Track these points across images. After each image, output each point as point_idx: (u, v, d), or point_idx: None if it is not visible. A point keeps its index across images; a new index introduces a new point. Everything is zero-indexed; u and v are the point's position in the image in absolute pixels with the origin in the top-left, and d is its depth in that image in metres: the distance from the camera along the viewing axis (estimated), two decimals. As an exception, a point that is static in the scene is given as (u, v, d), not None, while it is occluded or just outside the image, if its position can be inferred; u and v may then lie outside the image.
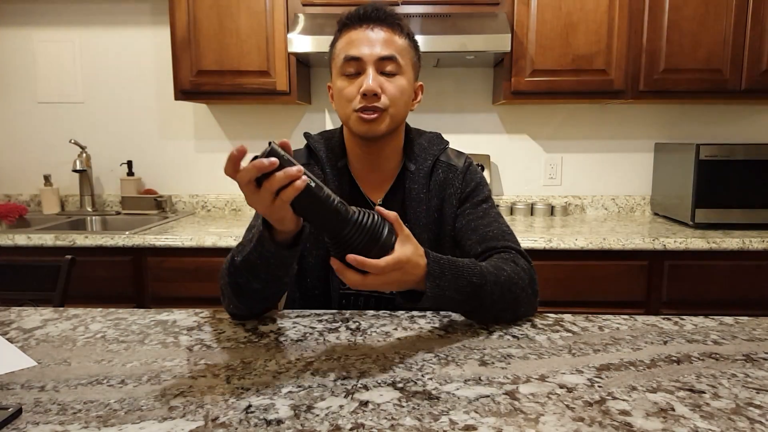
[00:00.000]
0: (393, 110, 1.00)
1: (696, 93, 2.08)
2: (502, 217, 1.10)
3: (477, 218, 1.07)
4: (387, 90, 0.98)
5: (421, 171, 1.08)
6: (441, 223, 1.09)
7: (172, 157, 2.52)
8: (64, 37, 2.43)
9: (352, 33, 0.99)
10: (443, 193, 1.09)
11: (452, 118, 2.46)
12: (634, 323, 0.94)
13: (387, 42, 0.98)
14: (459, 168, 1.10)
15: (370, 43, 0.97)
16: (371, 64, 0.97)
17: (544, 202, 2.44)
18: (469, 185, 1.10)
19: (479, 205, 1.09)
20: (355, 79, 0.99)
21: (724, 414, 0.63)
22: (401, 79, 1.00)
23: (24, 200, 2.54)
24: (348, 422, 0.61)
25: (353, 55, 0.98)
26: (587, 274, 1.87)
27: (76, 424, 0.61)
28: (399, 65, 0.99)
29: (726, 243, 1.83)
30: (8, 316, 0.99)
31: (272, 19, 2.06)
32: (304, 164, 1.08)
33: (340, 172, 1.08)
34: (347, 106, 1.00)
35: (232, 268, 0.90)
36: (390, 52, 0.98)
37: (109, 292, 1.92)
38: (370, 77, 0.97)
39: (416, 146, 1.11)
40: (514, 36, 2.05)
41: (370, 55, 0.97)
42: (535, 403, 0.65)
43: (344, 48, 0.99)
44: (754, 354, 0.81)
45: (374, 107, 0.97)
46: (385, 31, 0.99)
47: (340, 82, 1.01)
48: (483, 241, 1.04)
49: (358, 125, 1.00)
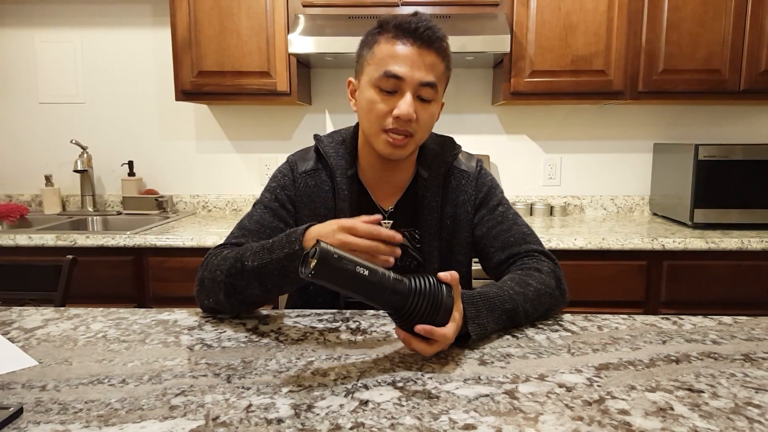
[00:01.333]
0: (419, 136, 0.98)
1: (695, 93, 2.08)
2: (519, 217, 1.10)
3: (496, 224, 1.06)
4: (420, 117, 0.95)
5: (434, 178, 1.06)
6: (455, 231, 1.08)
7: (173, 158, 2.52)
8: (65, 37, 2.44)
9: (399, 46, 0.92)
10: (457, 200, 1.08)
11: (452, 118, 2.46)
12: (633, 323, 0.95)
13: (432, 68, 0.93)
14: (471, 174, 1.09)
15: (415, 65, 0.92)
16: (411, 87, 0.93)
17: (543, 202, 2.45)
18: (482, 190, 1.09)
19: (495, 210, 1.08)
20: (389, 97, 0.94)
21: (723, 413, 0.63)
22: (435, 106, 0.98)
23: (25, 200, 2.54)
24: (348, 421, 0.61)
25: (396, 73, 0.92)
26: (586, 274, 1.87)
27: (77, 423, 0.61)
28: (436, 92, 0.96)
29: (725, 243, 1.83)
30: (9, 315, 1.00)
31: (273, 20, 2.07)
32: (312, 170, 1.07)
33: (350, 180, 1.05)
34: (376, 122, 0.96)
35: (234, 270, 0.89)
36: (432, 79, 0.94)
37: (110, 292, 1.92)
38: (408, 102, 0.92)
39: (429, 152, 1.08)
40: (514, 37, 2.06)
41: (413, 78, 0.92)
42: (534, 403, 0.65)
43: (386, 60, 0.93)
44: (752, 353, 0.81)
45: (405, 131, 0.95)
46: (433, 55, 0.94)
47: (371, 94, 0.95)
48: (506, 248, 1.04)
49: (384, 147, 0.97)
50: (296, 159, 1.10)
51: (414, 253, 1.08)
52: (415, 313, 0.74)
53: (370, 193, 1.08)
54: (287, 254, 0.83)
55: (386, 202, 1.08)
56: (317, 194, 1.06)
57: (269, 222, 1.04)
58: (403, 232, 1.07)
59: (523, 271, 0.98)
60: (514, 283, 0.92)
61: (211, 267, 0.94)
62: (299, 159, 1.10)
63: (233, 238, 1.03)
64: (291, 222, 1.07)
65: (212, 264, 0.94)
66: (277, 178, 1.09)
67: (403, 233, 1.07)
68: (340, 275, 0.69)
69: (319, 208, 1.06)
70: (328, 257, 0.68)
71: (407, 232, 1.07)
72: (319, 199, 1.06)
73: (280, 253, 0.84)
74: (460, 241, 1.08)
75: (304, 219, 1.06)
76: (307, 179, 1.07)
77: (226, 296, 0.91)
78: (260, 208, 1.07)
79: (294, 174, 1.08)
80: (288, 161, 1.11)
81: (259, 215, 1.05)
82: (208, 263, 0.96)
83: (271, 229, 1.04)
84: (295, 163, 1.09)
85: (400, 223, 1.07)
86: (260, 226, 1.04)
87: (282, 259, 0.83)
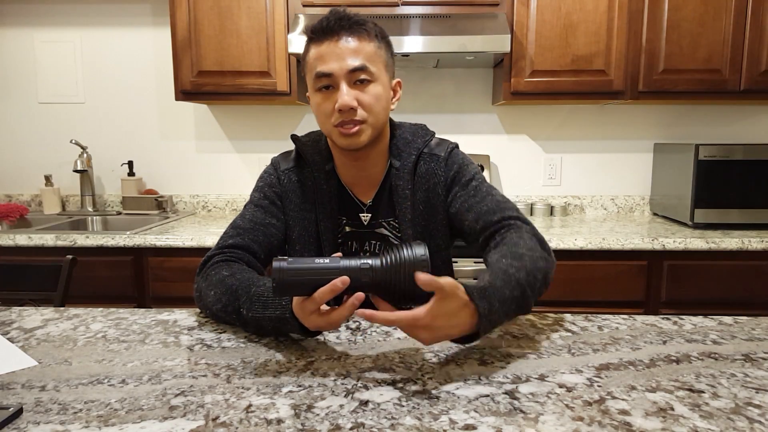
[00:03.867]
0: (372, 119, 0.98)
1: (695, 93, 2.08)
2: (494, 189, 1.08)
3: (469, 197, 1.05)
4: (363, 101, 0.96)
5: (405, 167, 1.07)
6: (430, 215, 1.08)
7: (173, 158, 2.52)
8: (65, 37, 2.44)
9: (320, 47, 0.96)
10: (428, 185, 1.08)
11: (452, 118, 2.46)
12: (633, 323, 0.94)
13: (355, 52, 0.95)
14: (441, 156, 1.08)
15: (338, 57, 0.95)
16: (342, 77, 0.95)
17: (543, 202, 2.44)
18: (451, 170, 1.08)
19: (468, 185, 1.07)
20: (329, 94, 0.97)
21: (723, 413, 0.63)
22: (376, 87, 0.98)
23: (25, 200, 2.54)
24: (348, 421, 0.61)
25: (323, 71, 0.95)
26: (587, 274, 1.87)
27: (77, 423, 0.61)
28: (371, 72, 0.97)
29: (725, 243, 1.83)
30: (9, 315, 1.00)
31: (273, 20, 2.07)
32: (292, 167, 1.10)
33: (328, 176, 1.08)
34: (326, 121, 0.99)
35: (230, 309, 0.89)
36: (360, 62, 0.95)
37: (109, 292, 1.92)
38: (344, 92, 0.95)
39: (400, 141, 1.09)
40: (514, 36, 2.05)
41: (340, 69, 0.95)
42: (534, 403, 0.65)
43: (314, 63, 0.97)
44: (753, 354, 0.81)
45: (352, 121, 0.96)
46: (353, 40, 0.96)
47: (315, 98, 0.99)
48: (480, 217, 1.02)
49: (340, 140, 0.99)
50: (279, 159, 1.14)
51: (395, 242, 1.10)
52: (393, 289, 0.73)
53: (349, 189, 1.10)
54: (278, 317, 0.82)
55: (365, 196, 1.10)
56: (301, 189, 1.09)
57: (261, 219, 1.07)
58: (382, 224, 1.10)
59: (508, 245, 0.94)
60: (509, 259, 0.88)
61: (205, 294, 0.95)
62: (281, 159, 1.14)
63: (229, 239, 1.04)
64: (281, 218, 1.09)
65: (207, 287, 0.95)
66: (263, 177, 1.13)
67: (382, 224, 1.10)
68: (305, 286, 0.73)
69: (304, 203, 1.09)
70: (284, 276, 0.72)
71: (386, 222, 1.10)
72: (303, 194, 1.09)
73: (273, 313, 0.83)
74: (436, 225, 1.08)
75: (290, 214, 1.09)
76: (290, 175, 1.10)
77: (217, 321, 0.96)
78: (251, 207, 1.10)
79: (278, 172, 1.11)
80: (271, 162, 1.15)
81: (251, 214, 1.08)
82: (206, 277, 0.97)
83: (264, 226, 1.06)
84: (278, 162, 1.13)
85: (379, 215, 1.10)
86: (254, 224, 1.06)
87: (274, 319, 0.83)
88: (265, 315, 0.83)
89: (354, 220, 1.10)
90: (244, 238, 1.03)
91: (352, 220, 1.10)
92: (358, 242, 1.10)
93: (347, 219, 1.10)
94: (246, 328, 0.89)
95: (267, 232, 1.06)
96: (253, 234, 1.04)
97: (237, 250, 1.02)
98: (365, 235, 1.10)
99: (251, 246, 1.03)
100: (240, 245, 1.02)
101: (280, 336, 0.88)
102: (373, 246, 1.10)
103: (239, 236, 1.04)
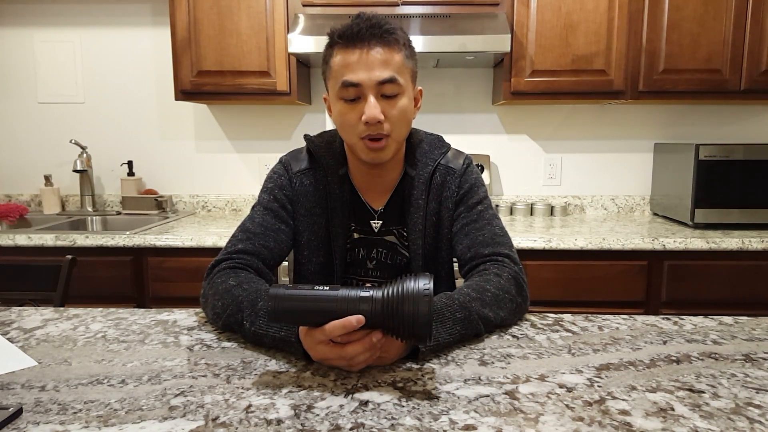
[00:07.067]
0: (396, 134, 0.97)
1: (695, 93, 2.08)
2: (497, 219, 1.08)
3: (471, 222, 1.06)
4: (389, 115, 0.94)
5: (421, 177, 1.06)
6: (439, 227, 1.08)
7: (173, 158, 2.52)
8: (64, 37, 2.43)
9: (348, 54, 0.92)
10: (440, 197, 1.08)
11: (452, 118, 2.46)
12: (633, 323, 0.94)
13: (385, 63, 0.92)
14: (457, 170, 1.08)
15: (367, 67, 0.91)
16: (371, 89, 0.92)
17: (543, 202, 2.44)
18: (463, 187, 1.08)
19: (474, 208, 1.07)
20: (355, 105, 0.94)
21: (723, 414, 0.63)
22: (403, 99, 0.95)
23: (24, 200, 2.54)
24: (348, 422, 0.61)
25: (351, 80, 0.92)
26: (587, 274, 1.87)
27: (77, 423, 0.61)
28: (399, 85, 0.94)
29: (725, 243, 1.83)
30: (9, 315, 1.00)
31: (272, 20, 2.06)
32: (306, 169, 1.07)
33: (341, 180, 1.06)
34: (351, 132, 0.96)
35: (233, 320, 0.87)
36: (389, 74, 0.92)
37: (109, 292, 1.92)
38: (372, 105, 0.91)
39: (418, 151, 1.08)
40: (514, 36, 2.05)
41: (369, 80, 0.91)
42: (534, 403, 0.65)
43: (340, 71, 0.93)
44: (753, 354, 0.81)
45: (379, 135, 0.94)
46: (383, 50, 0.92)
47: (339, 106, 0.96)
48: (472, 247, 1.03)
49: (365, 154, 0.97)
50: (289, 159, 1.10)
51: (403, 251, 1.10)
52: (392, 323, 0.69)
53: (361, 194, 1.09)
54: (282, 338, 0.80)
55: (376, 203, 1.09)
56: (312, 193, 1.07)
57: (272, 224, 1.05)
58: (392, 231, 1.09)
59: (482, 276, 0.96)
60: (471, 289, 0.90)
61: (211, 302, 0.92)
62: (292, 159, 1.10)
63: (239, 243, 1.01)
64: (291, 223, 1.07)
65: (213, 295, 0.92)
66: (272, 179, 1.09)
67: (392, 232, 1.09)
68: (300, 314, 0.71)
69: (315, 207, 1.07)
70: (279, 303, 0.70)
71: (396, 230, 1.09)
72: (314, 199, 1.07)
73: (277, 333, 0.81)
74: (442, 237, 1.08)
75: (300, 219, 1.07)
76: (302, 178, 1.07)
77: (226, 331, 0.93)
78: (261, 210, 1.07)
79: (289, 174, 1.08)
80: (281, 162, 1.11)
81: (261, 218, 1.05)
82: (213, 284, 0.94)
83: (274, 231, 1.04)
84: (289, 163, 1.09)
85: (389, 222, 1.09)
86: (264, 228, 1.04)
87: (277, 339, 0.81)
88: (269, 333, 0.81)
89: (364, 227, 1.09)
90: (254, 244, 1.01)
91: (362, 227, 1.09)
92: (366, 249, 1.09)
93: (357, 225, 1.09)
94: (246, 339, 0.88)
95: (277, 237, 1.04)
96: (263, 239, 1.02)
97: (246, 255, 1.00)
98: (374, 242, 1.09)
99: (261, 252, 1.01)
100: (249, 251, 1.00)
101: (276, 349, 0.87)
102: (380, 254, 1.09)
103: (249, 241, 1.01)
